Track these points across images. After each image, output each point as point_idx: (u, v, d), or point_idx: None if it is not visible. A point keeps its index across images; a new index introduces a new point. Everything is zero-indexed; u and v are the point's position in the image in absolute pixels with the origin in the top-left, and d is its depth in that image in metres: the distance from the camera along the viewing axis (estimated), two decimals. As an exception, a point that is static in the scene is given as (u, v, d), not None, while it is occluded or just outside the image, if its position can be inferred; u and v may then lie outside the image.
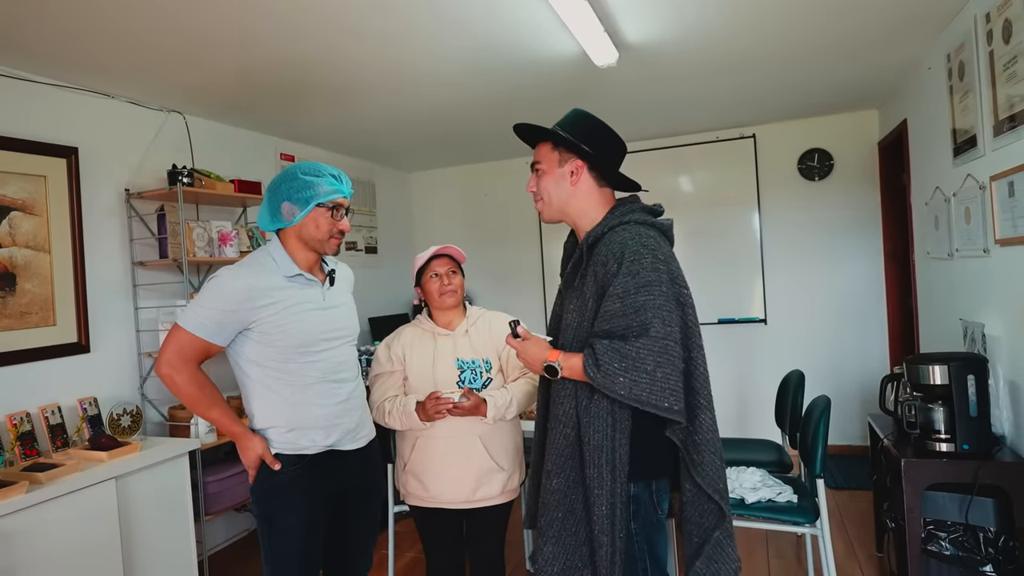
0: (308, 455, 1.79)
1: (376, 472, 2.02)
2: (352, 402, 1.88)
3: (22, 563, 2.05)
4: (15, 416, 2.45)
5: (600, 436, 1.45)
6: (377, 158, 5.03)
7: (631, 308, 1.40)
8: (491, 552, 2.19)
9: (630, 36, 2.71)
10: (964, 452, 2.21)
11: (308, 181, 1.77)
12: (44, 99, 2.73)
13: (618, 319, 1.41)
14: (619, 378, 1.37)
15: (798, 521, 2.33)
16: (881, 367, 4.36)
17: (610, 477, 1.44)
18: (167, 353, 1.71)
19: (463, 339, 2.14)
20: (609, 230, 1.52)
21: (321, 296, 1.84)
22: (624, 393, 1.38)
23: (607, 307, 1.43)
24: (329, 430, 1.81)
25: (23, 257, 2.61)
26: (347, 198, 1.84)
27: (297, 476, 1.77)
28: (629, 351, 1.38)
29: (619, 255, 1.45)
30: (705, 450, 1.47)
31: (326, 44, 2.59)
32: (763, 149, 4.64)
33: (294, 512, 1.77)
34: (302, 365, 1.77)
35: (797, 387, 2.99)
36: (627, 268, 1.42)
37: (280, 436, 1.78)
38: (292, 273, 1.78)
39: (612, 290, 1.43)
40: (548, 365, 1.51)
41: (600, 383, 1.40)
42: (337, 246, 1.85)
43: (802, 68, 3.30)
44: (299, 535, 1.77)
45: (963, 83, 2.65)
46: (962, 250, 2.79)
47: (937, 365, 2.28)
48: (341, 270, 2.00)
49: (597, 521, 1.44)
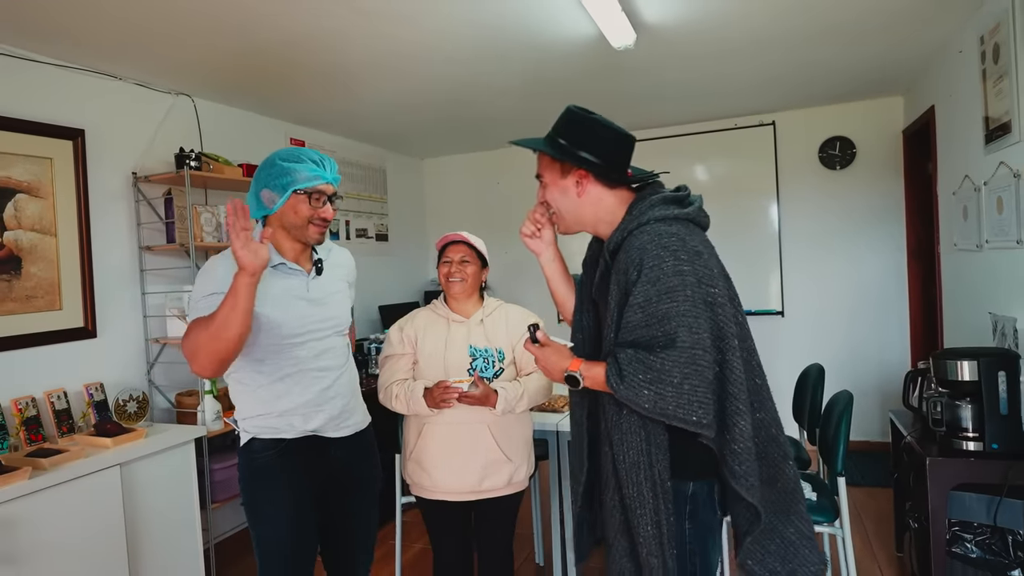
0: (287, 439, 1.75)
1: (369, 462, 1.96)
2: (336, 390, 1.83)
3: (25, 549, 2.03)
4: (20, 401, 2.43)
5: (635, 453, 1.35)
6: (388, 144, 4.96)
7: (654, 318, 1.30)
8: (500, 544, 2.15)
9: (648, 16, 2.62)
10: (993, 452, 2.13)
11: (286, 167, 1.71)
12: (50, 80, 2.69)
13: (641, 330, 1.32)
14: (643, 391, 1.28)
15: (817, 520, 2.25)
16: (902, 362, 4.26)
17: (651, 495, 1.34)
18: (187, 348, 1.59)
19: (477, 328, 2.10)
20: (628, 235, 1.41)
21: (305, 286, 1.79)
22: (648, 407, 1.28)
23: (629, 318, 1.33)
24: (308, 416, 1.77)
25: (29, 240, 2.58)
26: (330, 183, 1.76)
27: (276, 459, 1.74)
28: (654, 362, 1.28)
29: (638, 262, 1.34)
30: (745, 459, 1.34)
31: (335, 23, 2.52)
32: (783, 137, 4.52)
33: (272, 500, 1.74)
34: (281, 354, 1.74)
35: (816, 382, 2.91)
36: (647, 275, 1.32)
37: (259, 422, 1.76)
38: (275, 262, 1.74)
39: (633, 299, 1.33)
40: (569, 375, 1.41)
41: (624, 395, 1.31)
42: (319, 234, 1.76)
43: (824, 50, 3.19)
44: (282, 519, 1.75)
45: (997, 66, 2.53)
46: (993, 241, 2.68)
47: (966, 360, 2.19)
48: (338, 256, 1.95)
49: (644, 543, 1.35)
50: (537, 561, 3.06)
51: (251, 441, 1.77)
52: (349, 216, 4.60)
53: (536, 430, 2.35)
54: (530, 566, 3.04)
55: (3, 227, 2.49)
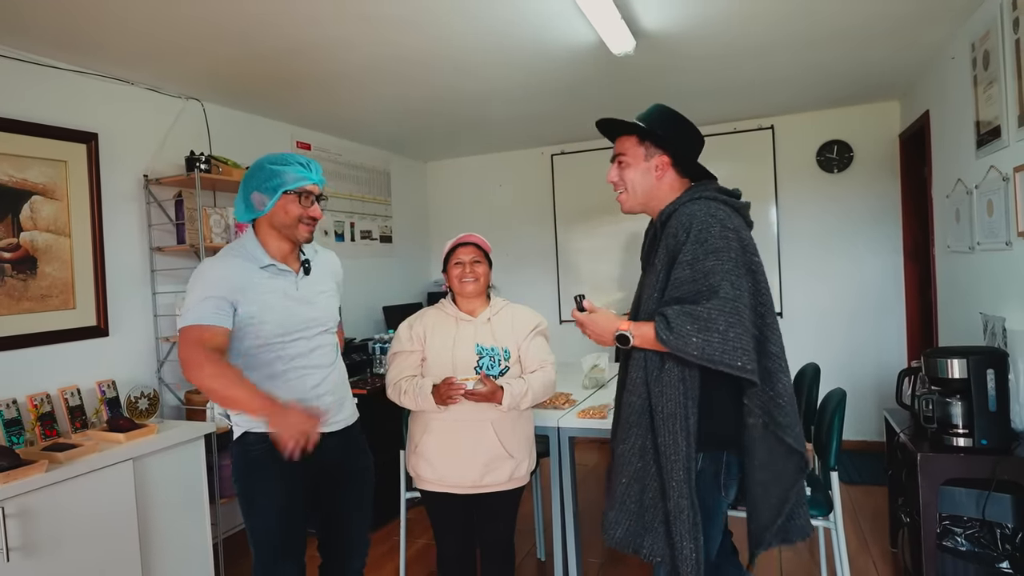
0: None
1: (361, 456, 2.02)
2: (325, 387, 1.90)
3: (42, 540, 2.09)
4: (35, 397, 2.49)
5: (673, 404, 1.48)
6: (392, 147, 5.03)
7: (700, 273, 1.44)
8: (501, 539, 2.20)
9: (647, 23, 2.68)
10: (982, 447, 2.18)
11: (275, 170, 1.81)
12: (64, 85, 2.76)
13: (687, 285, 1.45)
14: (692, 339, 1.39)
15: (812, 514, 2.29)
16: (898, 362, 4.31)
17: (684, 443, 1.47)
18: (182, 356, 1.70)
19: (484, 327, 2.16)
20: (680, 205, 1.56)
21: (294, 286, 1.86)
22: (697, 353, 1.40)
23: (677, 274, 1.47)
24: None
25: (44, 241, 2.65)
26: (317, 185, 1.86)
27: (269, 452, 1.76)
28: (700, 312, 1.40)
29: (687, 225, 1.49)
30: (789, 411, 1.49)
31: (339, 30, 2.59)
32: (781, 141, 4.59)
33: (265, 491, 1.81)
34: (270, 353, 1.80)
35: (812, 380, 2.96)
36: (695, 236, 1.47)
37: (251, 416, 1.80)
38: (264, 263, 1.82)
39: (681, 257, 1.47)
40: (620, 334, 1.51)
41: (673, 345, 1.41)
42: (309, 232, 1.86)
43: (822, 55, 3.25)
44: (273, 510, 1.81)
45: (988, 73, 2.60)
46: (984, 243, 2.74)
47: (956, 359, 2.25)
48: (325, 257, 2.03)
49: (676, 487, 1.47)
50: (539, 556, 3.12)
51: (245, 435, 1.83)
52: (354, 218, 4.67)
53: (537, 426, 2.41)
54: (532, 561, 3.10)
55: (20, 228, 2.56)
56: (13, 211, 2.54)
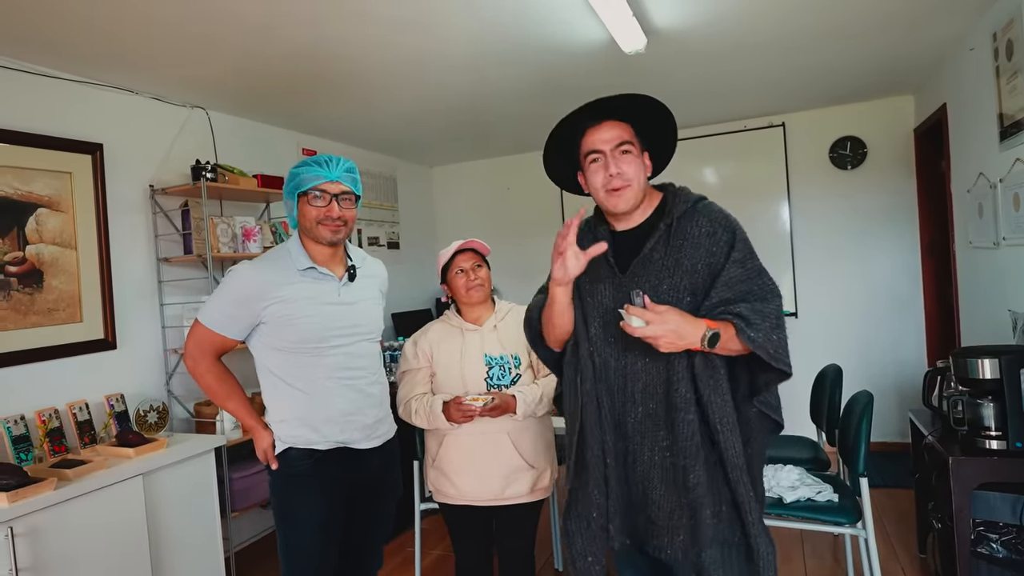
0: (320, 450, 1.77)
1: (393, 471, 1.98)
2: (370, 399, 1.85)
3: (52, 560, 2.05)
4: (44, 412, 2.45)
5: (731, 412, 1.43)
6: (398, 152, 4.99)
7: (753, 272, 1.44)
8: (520, 550, 2.15)
9: (658, 20, 2.63)
10: (1017, 450, 2.11)
11: (292, 174, 1.78)
12: (68, 96, 2.73)
13: (742, 284, 1.42)
14: (772, 336, 1.37)
15: (840, 521, 2.24)
16: (918, 361, 4.23)
17: (734, 418, 1.42)
18: (188, 346, 1.82)
19: (491, 334, 2.10)
20: (694, 203, 1.51)
21: (336, 291, 1.81)
22: (772, 351, 1.37)
23: (730, 273, 1.43)
24: (343, 425, 1.79)
25: (50, 254, 2.61)
26: (332, 181, 1.74)
27: (309, 470, 1.76)
28: (770, 311, 1.40)
29: (725, 222, 1.47)
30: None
31: (343, 33, 2.54)
32: (793, 138, 4.52)
33: (306, 506, 1.76)
34: (312, 360, 1.76)
35: (834, 382, 2.90)
36: (741, 235, 1.47)
37: (291, 430, 1.77)
38: (304, 266, 1.77)
39: (734, 255, 1.44)
40: (713, 333, 1.34)
41: (759, 343, 1.35)
42: (332, 232, 1.76)
43: (835, 49, 3.19)
44: (311, 529, 1.76)
45: (1011, 63, 2.53)
46: (1010, 238, 2.67)
47: (987, 358, 2.18)
48: (371, 266, 1.98)
49: (738, 479, 1.41)
50: (556, 566, 3.06)
51: (287, 450, 1.79)
52: (361, 225, 4.63)
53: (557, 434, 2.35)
54: (549, 571, 3.04)
55: (25, 241, 2.53)
56: (19, 224, 2.51)
